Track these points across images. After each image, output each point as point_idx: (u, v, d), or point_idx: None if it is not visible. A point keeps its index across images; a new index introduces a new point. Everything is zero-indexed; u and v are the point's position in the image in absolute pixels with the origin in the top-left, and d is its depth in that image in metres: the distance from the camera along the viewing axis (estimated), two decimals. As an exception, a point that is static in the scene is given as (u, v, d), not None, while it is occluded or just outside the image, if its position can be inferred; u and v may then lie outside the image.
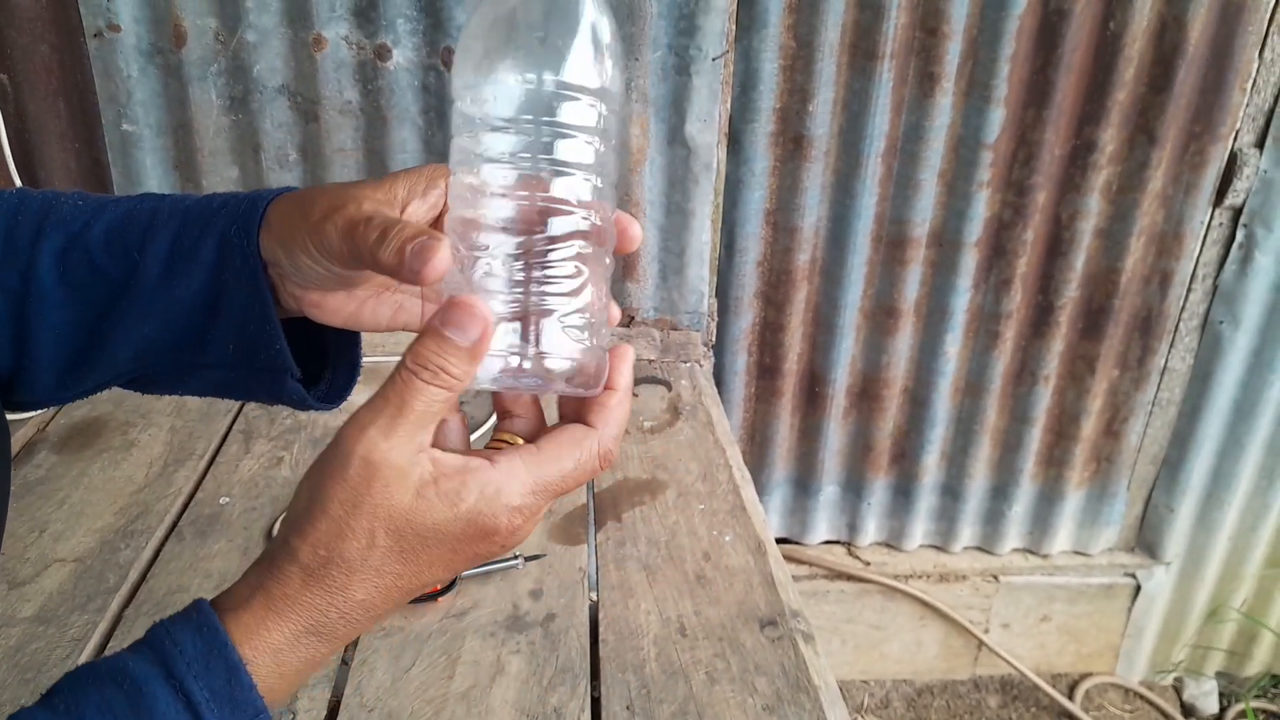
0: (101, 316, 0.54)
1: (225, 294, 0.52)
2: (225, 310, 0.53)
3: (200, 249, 0.52)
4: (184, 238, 0.53)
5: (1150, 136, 1.57)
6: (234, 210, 0.52)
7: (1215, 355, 1.77)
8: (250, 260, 0.51)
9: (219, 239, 0.52)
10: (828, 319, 1.70)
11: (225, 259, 0.52)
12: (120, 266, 0.53)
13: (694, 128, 1.46)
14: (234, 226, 0.51)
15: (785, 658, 0.92)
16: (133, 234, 0.53)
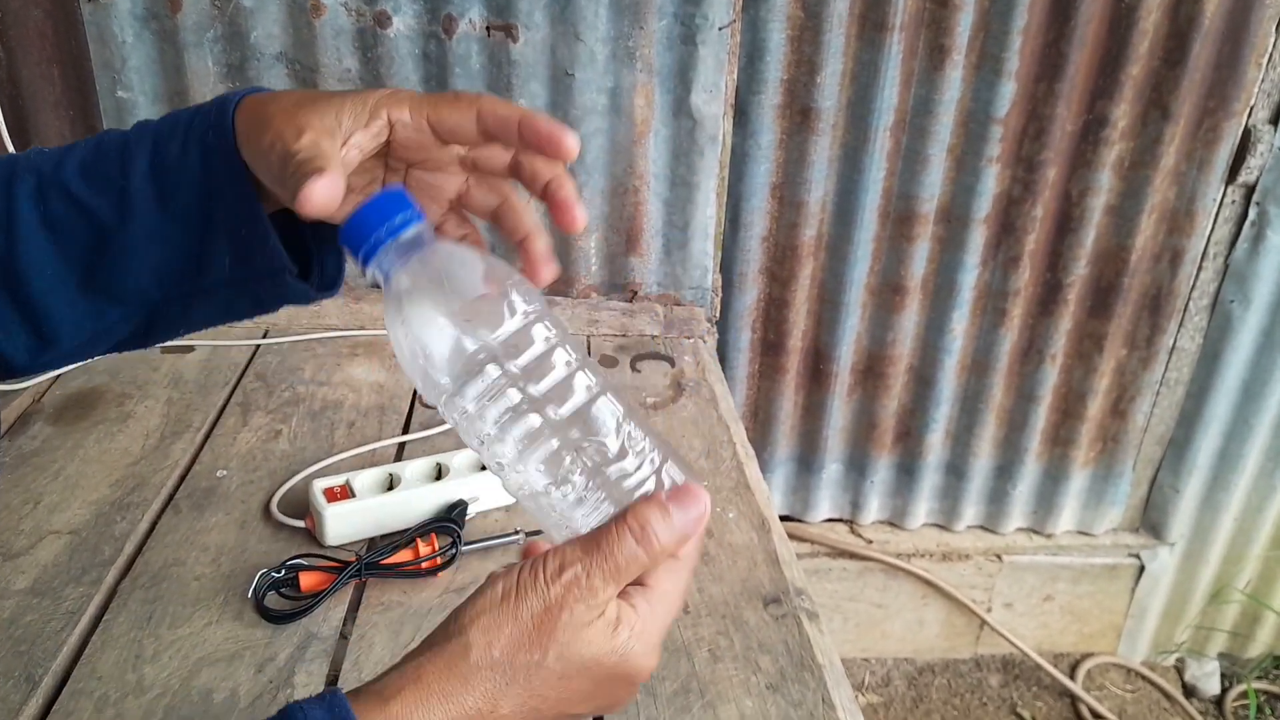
0: (95, 251, 0.53)
1: (216, 200, 0.52)
2: (218, 218, 0.52)
3: (186, 159, 0.52)
4: (164, 153, 0.53)
5: (1164, 112, 1.54)
6: (206, 117, 0.53)
7: (1225, 335, 1.75)
8: (231, 161, 0.51)
9: (200, 147, 0.52)
10: (833, 295, 1.68)
11: (209, 165, 0.52)
12: (103, 196, 0.52)
13: (699, 99, 1.44)
14: (210, 131, 0.52)
15: (789, 635, 0.91)
16: (108, 162, 0.53)
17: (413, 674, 0.43)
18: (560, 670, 0.43)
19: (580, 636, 0.44)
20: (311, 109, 0.50)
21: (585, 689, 0.45)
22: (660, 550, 0.45)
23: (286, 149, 0.47)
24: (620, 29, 1.39)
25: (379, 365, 1.41)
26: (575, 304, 1.56)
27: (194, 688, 0.82)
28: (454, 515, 1.02)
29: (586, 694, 0.45)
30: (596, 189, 1.49)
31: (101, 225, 0.53)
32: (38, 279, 0.53)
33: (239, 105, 0.53)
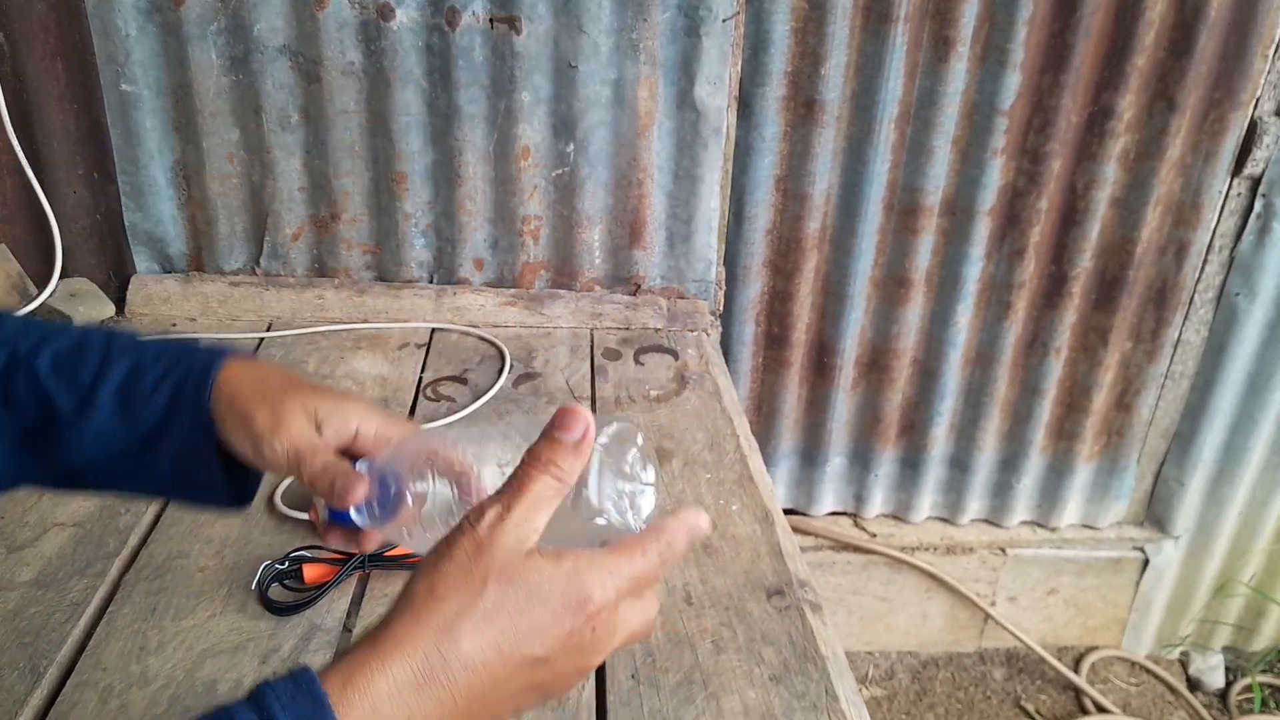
0: (41, 429, 0.59)
1: (169, 438, 0.59)
2: (167, 451, 0.59)
3: (156, 395, 0.59)
4: (139, 380, 0.59)
5: (1170, 103, 1.53)
6: (187, 369, 0.60)
7: (1230, 328, 1.75)
8: (201, 419, 0.58)
9: (172, 390, 0.59)
10: (837, 288, 1.68)
11: (175, 408, 0.59)
12: (67, 393, 0.59)
13: (703, 91, 1.43)
14: (188, 383, 0.59)
15: (792, 627, 0.91)
16: (84, 364, 0.59)
17: (370, 641, 0.44)
18: (512, 599, 0.44)
19: (519, 563, 0.46)
20: (291, 410, 0.58)
21: (544, 619, 0.45)
22: (564, 472, 0.49)
23: (297, 447, 0.57)
24: (624, 21, 1.38)
25: (382, 358, 1.41)
26: (579, 297, 1.56)
27: (198, 679, 0.82)
28: (458, 507, 1.02)
29: (547, 625, 0.45)
30: (600, 182, 1.49)
31: (56, 414, 0.59)
32: None
33: (222, 369, 0.60)
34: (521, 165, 1.46)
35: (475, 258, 1.54)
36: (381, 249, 1.53)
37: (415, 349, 1.45)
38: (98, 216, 1.48)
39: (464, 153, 1.44)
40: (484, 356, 1.44)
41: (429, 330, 1.51)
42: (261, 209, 1.48)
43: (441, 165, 1.46)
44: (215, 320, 1.49)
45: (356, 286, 1.53)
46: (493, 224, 1.52)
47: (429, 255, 1.54)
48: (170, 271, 1.52)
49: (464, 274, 1.55)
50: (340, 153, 1.44)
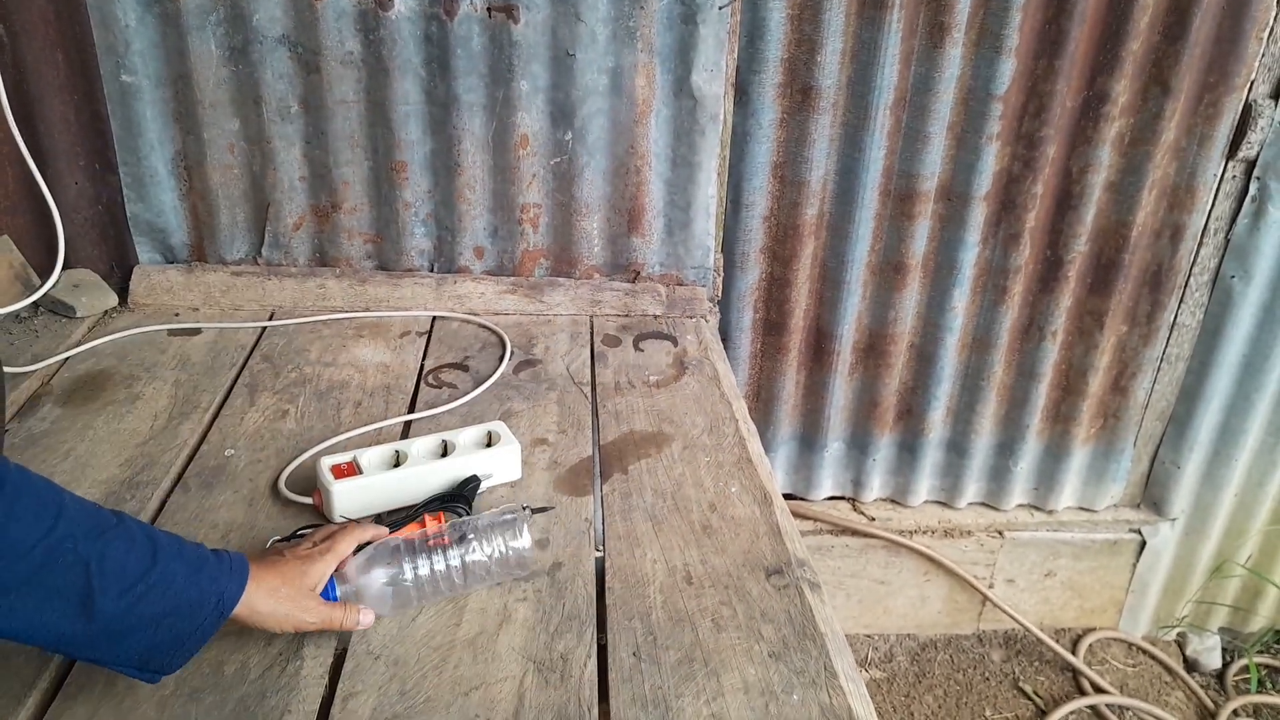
0: None
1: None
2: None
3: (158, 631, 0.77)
4: (144, 602, 0.74)
5: (1164, 87, 1.54)
6: (196, 612, 0.77)
7: (1225, 310, 1.76)
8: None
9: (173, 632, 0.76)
10: (835, 274, 1.69)
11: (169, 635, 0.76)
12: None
13: (700, 78, 1.44)
14: (191, 628, 0.77)
15: (791, 605, 0.92)
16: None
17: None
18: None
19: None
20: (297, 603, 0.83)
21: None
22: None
23: None
24: (620, 9, 1.39)
25: (384, 346, 1.42)
26: (578, 285, 1.57)
27: (205, 660, 0.83)
28: (465, 491, 1.03)
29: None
30: (598, 169, 1.50)
31: None
32: None
33: None
34: (520, 154, 1.47)
35: (475, 246, 1.55)
36: (382, 238, 1.54)
37: (417, 337, 1.46)
38: (99, 207, 1.49)
39: (463, 141, 1.45)
40: (485, 344, 1.45)
41: (430, 318, 1.52)
42: (262, 199, 1.49)
43: (440, 154, 1.47)
44: (218, 310, 1.50)
45: (358, 275, 1.54)
46: (492, 212, 1.53)
47: (429, 244, 1.55)
48: (172, 262, 1.53)
49: (464, 262, 1.56)
50: (340, 142, 1.45)
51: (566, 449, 1.18)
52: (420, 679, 0.83)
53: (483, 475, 1.06)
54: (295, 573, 0.82)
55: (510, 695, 0.81)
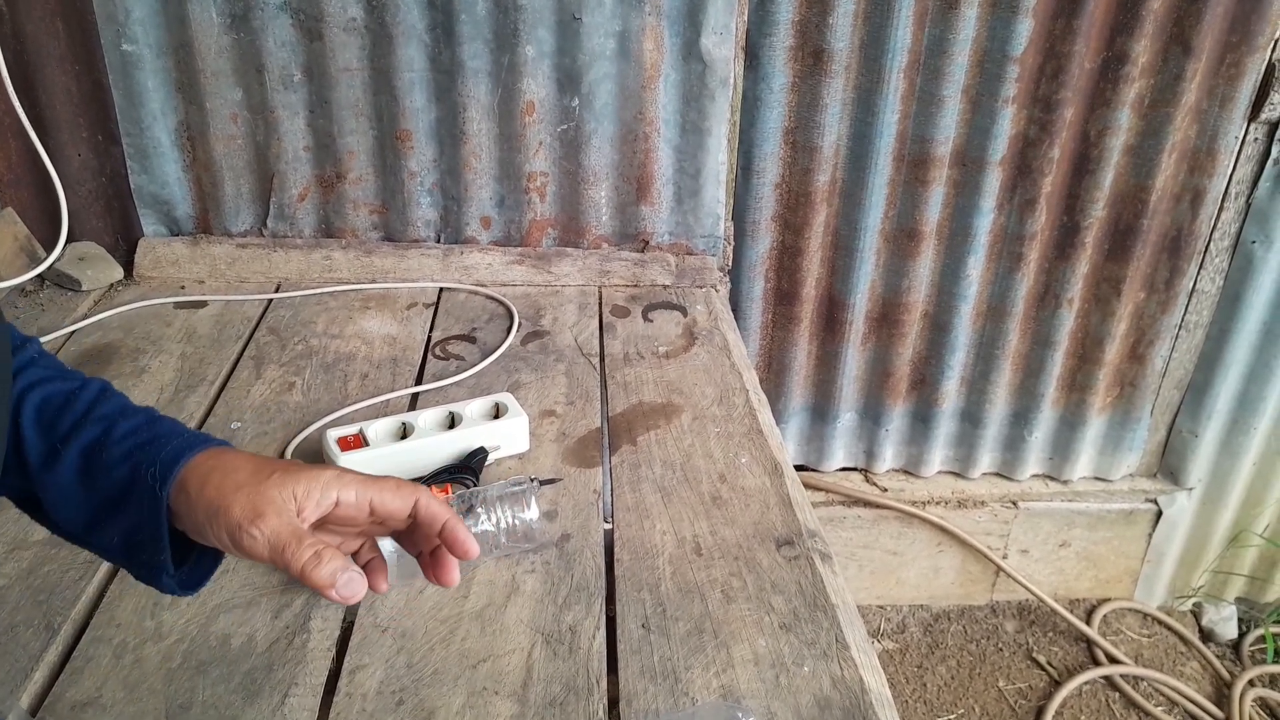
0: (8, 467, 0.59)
1: (123, 515, 0.58)
2: (120, 526, 0.59)
3: (116, 470, 0.59)
4: (105, 448, 0.59)
5: (1185, 47, 1.50)
6: (155, 453, 0.59)
7: (1246, 276, 1.72)
8: (156, 508, 0.57)
9: (131, 471, 0.58)
10: (847, 242, 1.66)
11: (133, 489, 0.59)
12: (40, 445, 0.59)
13: (710, 41, 1.41)
14: (151, 471, 0.58)
15: (802, 576, 0.91)
16: (62, 422, 0.60)
17: None
18: None
19: None
20: (269, 497, 0.57)
21: None
22: None
23: (279, 536, 0.56)
24: (627, -29, 1.36)
25: (391, 318, 1.41)
26: (586, 255, 1.55)
27: (212, 633, 0.83)
28: (473, 463, 1.02)
29: None
30: (605, 136, 1.47)
31: (22, 461, 0.59)
32: None
33: (186, 467, 0.59)
34: (526, 121, 1.45)
35: (482, 216, 1.53)
36: (388, 209, 1.52)
37: (424, 308, 1.44)
38: (103, 179, 1.47)
39: (468, 109, 1.43)
40: (492, 315, 1.44)
41: (437, 290, 1.51)
42: (267, 169, 1.47)
43: (446, 122, 1.45)
44: (224, 282, 1.49)
45: (364, 247, 1.52)
46: (499, 181, 1.51)
47: (435, 214, 1.53)
48: (177, 234, 1.52)
49: (471, 233, 1.54)
50: (344, 111, 1.43)
51: (575, 420, 1.17)
52: (428, 651, 0.82)
53: (490, 447, 1.05)
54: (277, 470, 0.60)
55: (519, 667, 0.80)
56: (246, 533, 0.56)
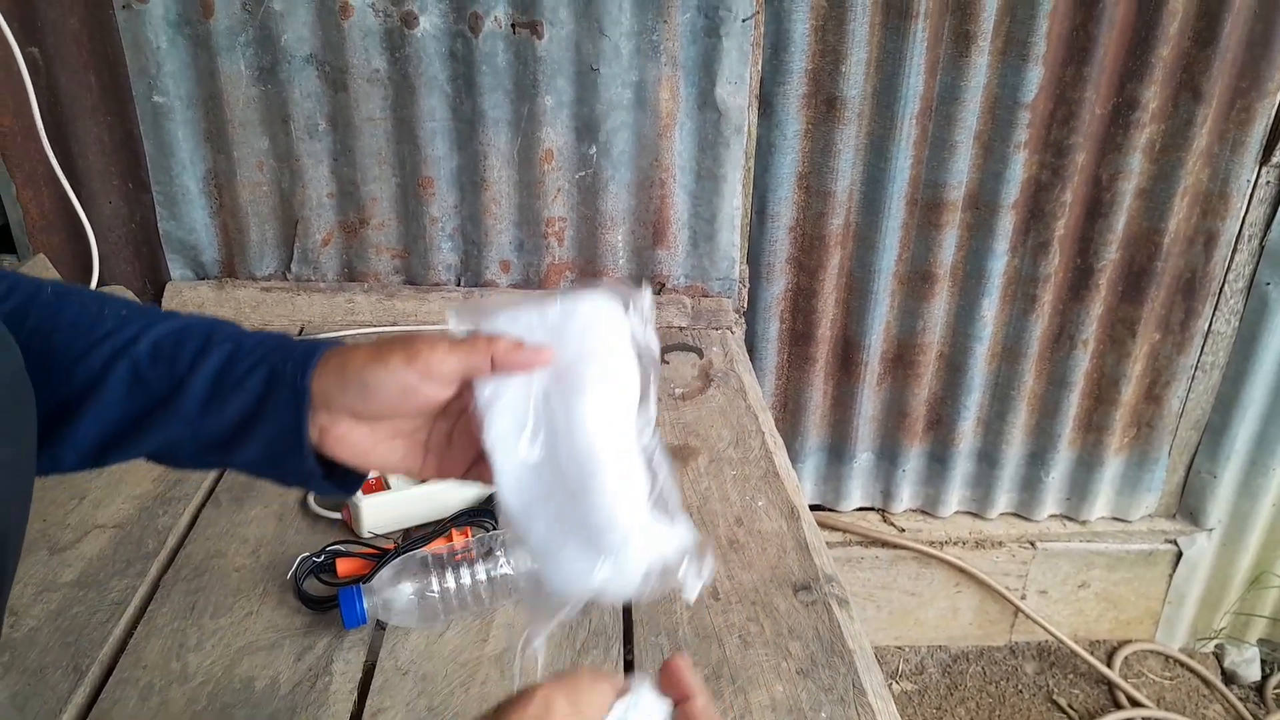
0: (135, 421, 0.58)
1: (262, 421, 0.58)
2: (258, 434, 0.58)
3: (249, 379, 0.58)
4: (234, 365, 0.59)
5: (1195, 93, 1.52)
6: (289, 350, 0.59)
7: (1261, 317, 1.73)
8: (299, 395, 0.57)
9: (268, 372, 0.58)
10: (862, 284, 1.68)
11: (271, 391, 0.58)
12: (164, 380, 0.58)
13: (724, 90, 1.44)
14: (288, 364, 0.58)
15: (819, 622, 0.92)
16: (183, 352, 0.59)
17: None
18: None
19: None
20: (417, 346, 0.58)
21: None
22: None
23: (450, 345, 0.57)
24: (644, 23, 1.39)
25: (411, 360, 1.43)
26: (604, 297, 1.57)
27: (236, 675, 0.84)
28: (491, 505, 1.04)
29: None
30: (623, 183, 1.50)
31: (151, 402, 0.58)
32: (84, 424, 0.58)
33: (324, 355, 0.59)
34: (545, 168, 1.48)
35: (501, 260, 1.56)
36: (409, 253, 1.55)
37: (443, 351, 1.46)
38: (133, 225, 1.51)
39: (489, 157, 1.46)
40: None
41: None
42: (291, 215, 1.51)
43: (467, 170, 1.48)
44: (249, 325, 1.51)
45: (385, 290, 1.55)
46: (518, 226, 1.53)
47: (456, 258, 1.56)
48: (204, 278, 1.55)
49: (490, 276, 1.57)
50: (367, 159, 1.46)
51: None
52: (448, 695, 0.83)
53: (509, 490, 1.07)
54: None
55: (537, 712, 0.81)
56: (423, 346, 0.57)
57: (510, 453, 0.58)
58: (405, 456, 0.64)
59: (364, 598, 0.86)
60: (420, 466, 0.64)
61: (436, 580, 0.88)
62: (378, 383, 0.57)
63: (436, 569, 0.88)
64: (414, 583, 0.87)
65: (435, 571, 0.88)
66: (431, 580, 0.88)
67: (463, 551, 0.91)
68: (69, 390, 0.58)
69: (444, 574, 0.88)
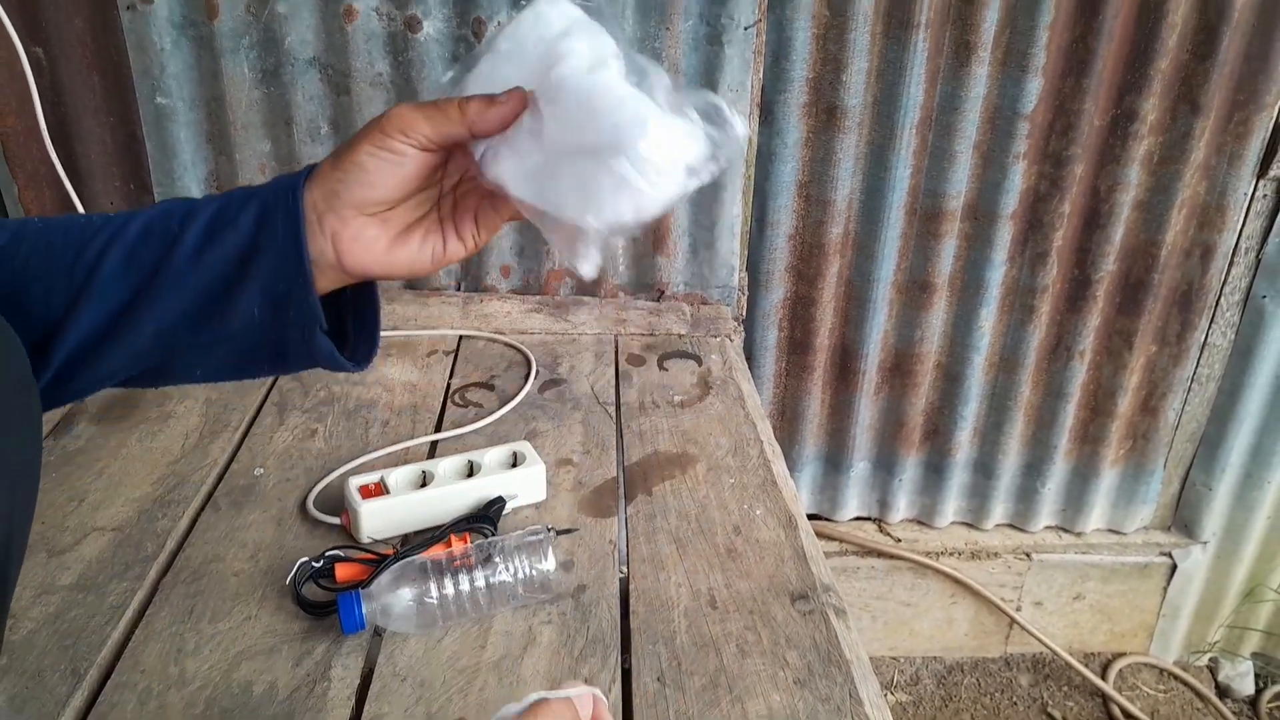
0: (133, 301, 0.57)
1: (258, 254, 0.56)
2: (256, 271, 0.57)
3: (239, 217, 0.57)
4: (224, 210, 0.57)
5: (1193, 105, 1.53)
6: (276, 181, 0.58)
7: (1257, 330, 1.74)
8: (292, 214, 0.56)
9: (258, 208, 0.56)
10: (860, 293, 1.68)
11: (263, 222, 0.56)
12: (156, 249, 0.57)
13: (725, 98, 1.44)
14: (275, 192, 0.57)
15: (817, 631, 0.92)
16: (172, 221, 0.58)
17: None
18: None
19: None
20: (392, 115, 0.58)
21: None
22: None
23: (435, 105, 0.57)
24: (647, 30, 1.40)
25: (412, 365, 1.43)
26: (603, 304, 1.57)
27: (234, 680, 0.84)
28: (490, 512, 1.04)
29: None
30: (624, 189, 1.50)
31: (144, 275, 0.57)
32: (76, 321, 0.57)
33: (310, 174, 0.58)
34: (546, 174, 1.48)
35: (501, 265, 1.56)
36: (409, 257, 1.55)
37: (443, 355, 1.47)
38: (132, 227, 1.51)
39: (489, 162, 1.46)
40: (510, 362, 1.46)
41: (457, 337, 1.53)
42: (291, 219, 1.51)
43: (467, 174, 1.48)
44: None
45: (386, 294, 1.55)
46: (518, 232, 1.54)
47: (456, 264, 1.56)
48: (203, 280, 1.55)
49: (490, 281, 1.57)
50: (368, 163, 1.46)
51: (591, 469, 1.19)
52: (446, 701, 0.83)
53: (508, 496, 1.07)
54: None
55: None
56: (390, 118, 0.57)
57: (516, 159, 0.58)
58: (423, 243, 0.63)
59: (362, 603, 0.86)
60: (444, 247, 0.63)
61: (435, 586, 0.88)
62: (372, 163, 0.57)
63: (435, 575, 0.89)
64: (413, 588, 0.87)
65: (434, 577, 0.88)
66: (430, 586, 0.88)
67: (461, 558, 0.91)
68: (70, 290, 0.57)
69: (443, 580, 0.88)
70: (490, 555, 0.91)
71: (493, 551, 0.92)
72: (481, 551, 0.92)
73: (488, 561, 0.91)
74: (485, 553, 0.91)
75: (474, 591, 0.89)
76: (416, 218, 0.64)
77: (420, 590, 0.87)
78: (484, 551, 0.92)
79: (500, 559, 0.91)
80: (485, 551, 0.92)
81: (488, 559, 0.91)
